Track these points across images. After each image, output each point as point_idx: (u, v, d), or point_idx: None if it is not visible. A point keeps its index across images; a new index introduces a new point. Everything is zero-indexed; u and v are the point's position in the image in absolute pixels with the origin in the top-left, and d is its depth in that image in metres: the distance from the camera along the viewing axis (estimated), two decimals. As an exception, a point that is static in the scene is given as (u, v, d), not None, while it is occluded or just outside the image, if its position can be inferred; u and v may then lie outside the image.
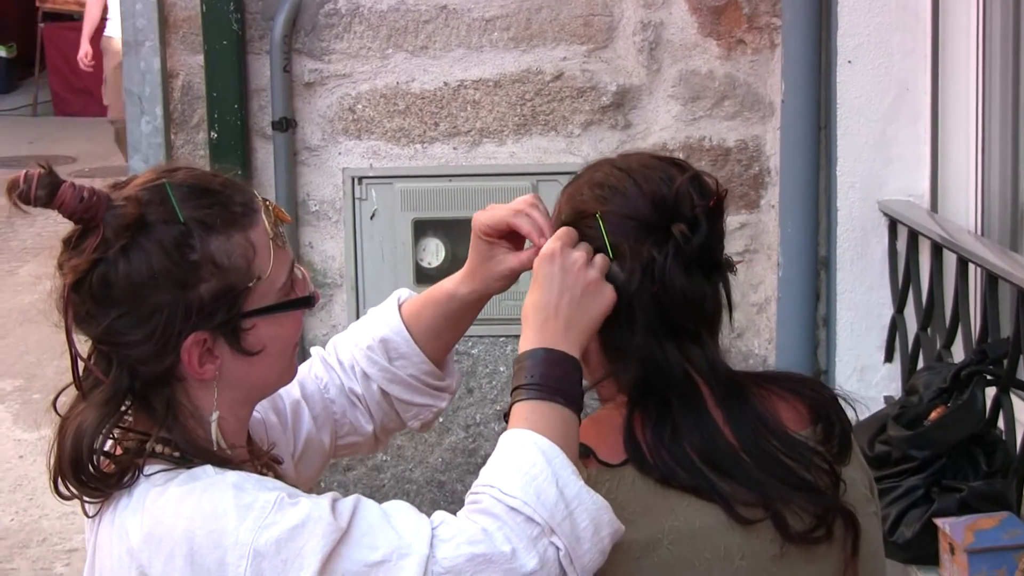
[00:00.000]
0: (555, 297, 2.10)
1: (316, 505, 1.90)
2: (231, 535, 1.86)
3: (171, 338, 2.00)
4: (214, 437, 2.07)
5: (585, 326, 2.10)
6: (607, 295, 2.13)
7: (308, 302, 2.16)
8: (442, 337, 2.50)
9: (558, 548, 1.88)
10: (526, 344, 2.08)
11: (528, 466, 1.92)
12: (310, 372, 2.53)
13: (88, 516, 2.09)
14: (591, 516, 1.91)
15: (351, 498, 1.94)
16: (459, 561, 1.85)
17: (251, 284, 2.05)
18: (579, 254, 2.15)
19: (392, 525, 1.90)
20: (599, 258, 2.17)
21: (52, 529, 6.60)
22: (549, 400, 2.01)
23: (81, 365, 2.07)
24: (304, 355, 2.58)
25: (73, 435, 2.01)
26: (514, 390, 2.05)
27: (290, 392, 2.46)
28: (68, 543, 6.44)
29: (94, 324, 2.02)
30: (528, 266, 2.26)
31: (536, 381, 2.02)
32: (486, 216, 2.31)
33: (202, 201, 2.04)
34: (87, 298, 2.00)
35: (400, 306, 2.51)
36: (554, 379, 2.03)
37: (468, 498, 1.95)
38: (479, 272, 2.37)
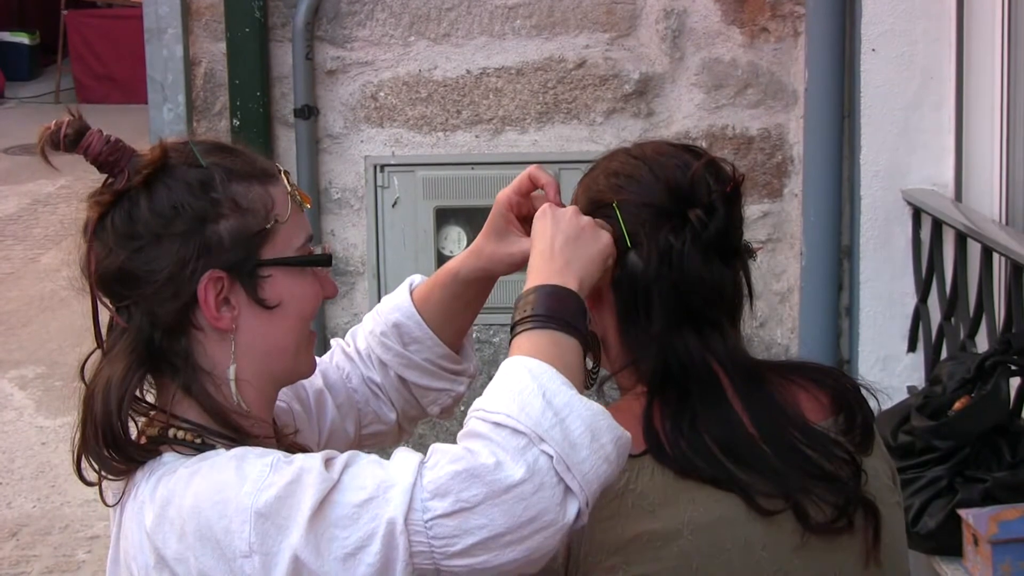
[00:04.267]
0: (548, 241, 2.12)
1: (308, 459, 1.91)
2: (233, 503, 1.87)
3: (187, 270, 2.04)
4: (233, 391, 2.08)
5: (584, 264, 2.10)
6: (604, 237, 2.14)
7: (326, 260, 2.19)
8: (454, 319, 2.50)
9: (549, 455, 1.85)
10: (524, 289, 2.09)
11: (513, 384, 1.92)
12: (332, 362, 2.54)
13: (108, 505, 2.10)
14: (585, 423, 1.88)
15: (346, 454, 1.95)
16: (443, 481, 1.84)
17: (268, 226, 2.09)
18: (571, 207, 2.19)
19: (382, 465, 1.91)
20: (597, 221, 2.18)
21: (74, 516, 6.63)
22: (543, 328, 2.02)
23: (103, 318, 2.10)
24: (326, 346, 2.59)
25: (102, 392, 2.03)
26: (512, 328, 2.06)
27: (313, 382, 2.48)
28: (90, 530, 6.46)
29: (115, 258, 2.05)
30: None
31: (530, 314, 2.03)
32: (509, 187, 2.35)
33: (224, 154, 2.13)
34: (110, 234, 2.06)
35: (412, 292, 2.52)
36: (550, 309, 2.03)
37: (461, 429, 1.95)
38: (486, 250, 2.38)
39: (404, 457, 1.91)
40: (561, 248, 2.11)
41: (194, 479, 1.94)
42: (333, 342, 2.59)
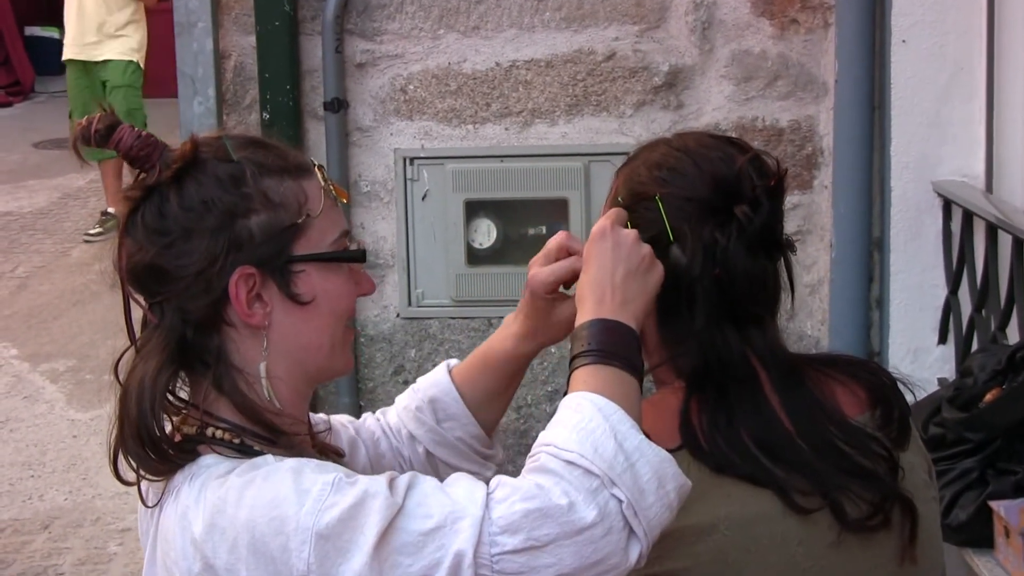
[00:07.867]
0: (610, 272, 2.10)
1: (373, 482, 1.90)
2: (292, 520, 1.86)
3: (217, 266, 2.03)
4: (265, 388, 2.07)
5: (642, 301, 2.10)
6: (659, 270, 2.13)
7: (360, 256, 2.17)
8: (499, 400, 2.48)
9: (620, 500, 1.85)
10: (583, 318, 2.07)
11: (585, 422, 1.91)
12: (364, 423, 2.52)
13: (147, 506, 2.08)
14: (653, 469, 1.89)
15: (407, 474, 1.93)
16: (515, 518, 1.83)
17: (300, 220, 2.07)
18: (631, 231, 2.15)
19: (446, 493, 1.90)
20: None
21: (106, 509, 6.65)
22: (607, 364, 2.01)
23: (136, 315, 2.10)
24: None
25: (136, 391, 2.02)
26: (572, 360, 2.04)
27: (347, 428, 2.47)
28: (121, 523, 6.48)
29: (145, 253, 2.04)
30: None
31: (594, 348, 2.02)
32: (543, 273, 2.29)
33: (257, 149, 2.11)
34: (140, 230, 2.05)
35: (451, 371, 2.49)
36: (612, 345, 2.03)
37: (527, 461, 1.94)
38: (541, 328, 2.36)
39: (468, 487, 1.91)
40: (622, 282, 2.09)
41: (248, 489, 1.92)
42: (364, 414, 2.57)
